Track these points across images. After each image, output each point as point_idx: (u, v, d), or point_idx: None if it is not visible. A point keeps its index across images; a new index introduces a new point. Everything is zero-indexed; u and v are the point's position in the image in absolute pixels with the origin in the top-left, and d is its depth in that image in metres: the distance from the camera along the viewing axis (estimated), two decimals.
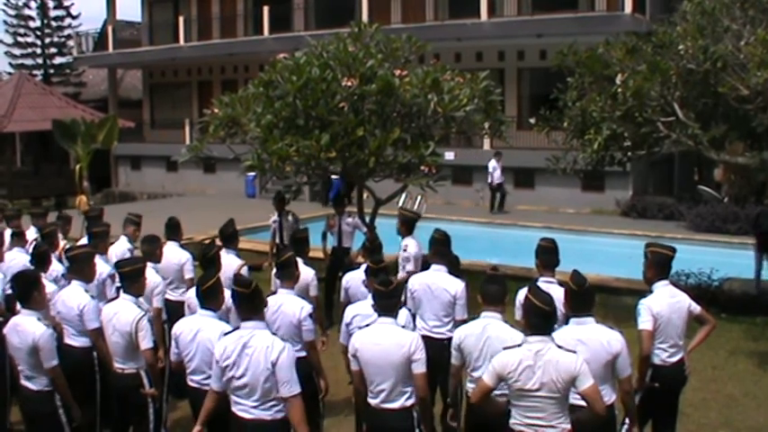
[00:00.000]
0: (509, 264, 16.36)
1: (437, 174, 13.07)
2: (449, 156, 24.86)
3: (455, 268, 8.65)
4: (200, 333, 6.96)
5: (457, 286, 8.28)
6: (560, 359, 5.85)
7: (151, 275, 8.69)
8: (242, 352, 6.11)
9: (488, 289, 6.87)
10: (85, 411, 8.25)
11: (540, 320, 5.98)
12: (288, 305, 7.75)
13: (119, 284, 9.28)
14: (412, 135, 13.08)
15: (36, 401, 7.12)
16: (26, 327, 7.00)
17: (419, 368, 6.38)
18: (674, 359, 7.56)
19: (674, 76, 12.25)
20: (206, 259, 8.40)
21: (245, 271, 9.73)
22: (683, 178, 29.39)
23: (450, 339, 7.94)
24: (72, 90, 43.34)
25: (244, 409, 6.17)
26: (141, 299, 7.79)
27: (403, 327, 6.73)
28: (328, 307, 13.64)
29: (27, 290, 7.12)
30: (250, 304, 6.26)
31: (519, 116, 28.09)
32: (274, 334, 6.40)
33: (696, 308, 7.71)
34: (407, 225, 11.22)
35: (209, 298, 7.05)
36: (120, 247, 10.44)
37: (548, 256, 8.10)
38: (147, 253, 9.14)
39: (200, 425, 6.49)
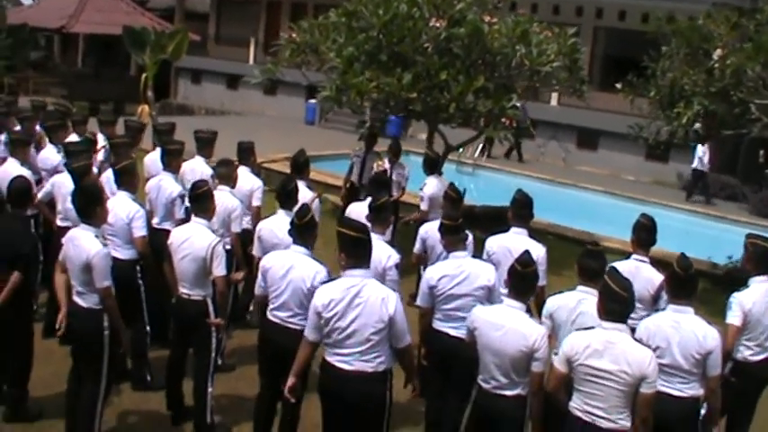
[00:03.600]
0: (567, 225, 16.04)
1: (517, 127, 12.70)
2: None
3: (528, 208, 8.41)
4: (293, 270, 6.70)
5: (539, 251, 7.91)
6: (633, 352, 5.56)
7: (229, 199, 8.47)
8: (351, 302, 5.83)
9: (588, 264, 6.53)
10: (134, 327, 8.16)
11: (615, 306, 5.65)
12: (377, 252, 7.44)
13: (188, 206, 9.21)
14: (495, 85, 12.68)
15: (83, 319, 6.81)
16: (83, 242, 6.70)
17: (539, 367, 5.99)
18: (758, 358, 7.22)
19: None
20: (285, 192, 8.06)
21: (316, 204, 9.44)
22: (748, 160, 28.58)
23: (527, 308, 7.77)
24: None
25: (344, 360, 5.91)
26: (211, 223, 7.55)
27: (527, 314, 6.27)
28: None
29: (90, 204, 6.81)
30: (361, 250, 5.95)
31: (590, 75, 27.37)
32: None
33: None
34: (429, 164, 11.62)
35: (306, 234, 6.81)
36: (198, 167, 10.13)
37: (645, 234, 7.74)
38: (223, 176, 8.85)
39: (294, 376, 6.29)
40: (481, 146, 23.16)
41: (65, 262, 6.91)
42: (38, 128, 11.78)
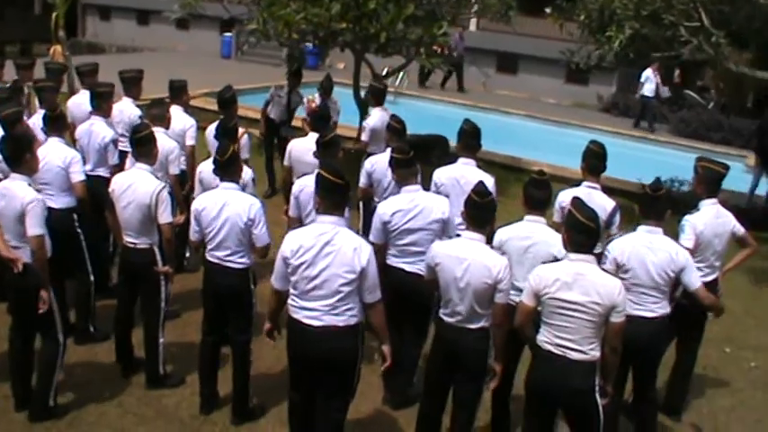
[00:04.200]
0: (493, 150, 15.95)
1: (447, 54, 12.55)
2: None
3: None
4: (227, 208, 6.52)
5: (488, 181, 7.76)
6: (603, 282, 5.50)
7: (165, 141, 8.15)
8: (321, 250, 5.55)
9: (534, 193, 6.45)
10: (77, 278, 7.88)
11: (583, 237, 5.55)
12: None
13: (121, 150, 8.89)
14: (425, 12, 12.48)
15: (26, 274, 6.40)
16: (15, 192, 6.32)
17: (502, 299, 5.88)
18: (708, 279, 7.26)
19: None
20: (225, 130, 7.80)
21: (245, 140, 9.21)
22: (665, 79, 28.97)
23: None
24: None
25: (312, 315, 5.64)
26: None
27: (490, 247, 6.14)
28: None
29: (20, 152, 6.42)
30: (338, 197, 5.63)
31: None
32: None
33: (740, 230, 7.44)
34: (376, 96, 11.16)
35: (230, 170, 6.63)
36: (126, 109, 9.76)
37: (596, 161, 7.67)
38: (156, 117, 8.45)
39: (270, 321, 6.18)
40: (402, 74, 22.89)
41: None
42: None
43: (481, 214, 5.96)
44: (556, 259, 5.86)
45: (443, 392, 6.39)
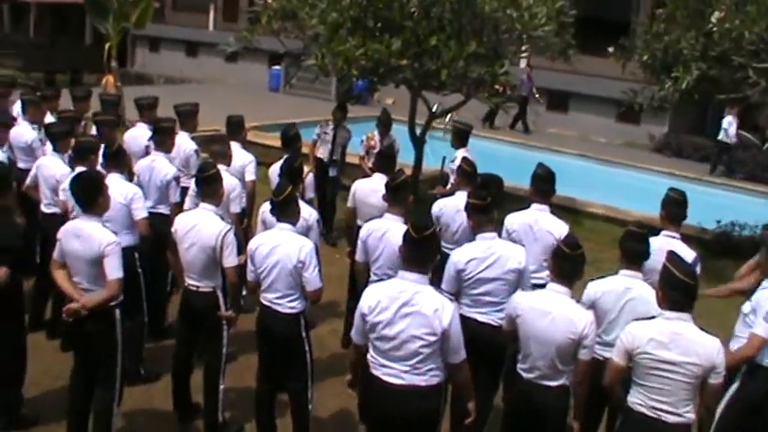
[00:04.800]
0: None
1: (510, 93, 12.31)
2: None
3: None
4: (279, 249, 6.30)
5: (562, 229, 7.51)
6: (702, 342, 5.18)
7: (227, 178, 7.89)
8: (400, 310, 5.21)
9: (633, 247, 6.17)
10: (132, 319, 7.62)
11: (679, 295, 5.23)
12: (395, 233, 6.98)
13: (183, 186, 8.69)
14: (486, 50, 12.23)
15: (97, 318, 6.18)
16: (92, 233, 6.09)
17: (586, 355, 5.58)
18: None
19: None
20: (290, 170, 7.56)
21: (310, 179, 8.97)
22: (716, 119, 28.48)
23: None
24: None
25: (392, 373, 5.30)
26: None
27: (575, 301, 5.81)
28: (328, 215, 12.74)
29: (92, 193, 6.21)
30: (422, 254, 5.28)
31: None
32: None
33: None
34: (460, 137, 10.88)
35: (287, 210, 6.43)
36: (183, 143, 9.52)
37: (676, 208, 7.32)
38: (218, 154, 8.23)
39: (351, 373, 5.93)
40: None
41: (62, 259, 6.31)
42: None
43: (570, 267, 5.68)
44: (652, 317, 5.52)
45: None
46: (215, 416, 7.00)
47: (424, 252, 5.29)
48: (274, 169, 8.72)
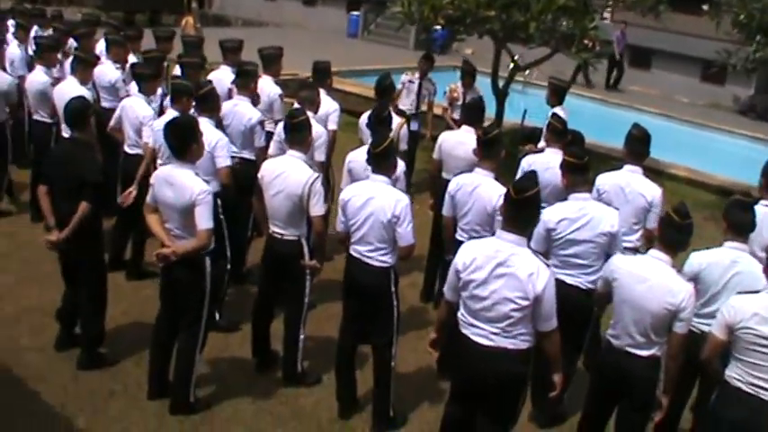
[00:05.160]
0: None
1: (600, 49, 11.96)
2: None
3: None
4: (373, 201, 6.16)
5: (654, 192, 7.27)
6: None
7: (314, 125, 7.77)
8: (494, 270, 5.08)
9: (740, 217, 5.90)
10: (217, 266, 7.55)
11: None
12: (485, 188, 6.87)
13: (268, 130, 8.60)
14: (575, 3, 11.89)
15: (187, 265, 6.16)
16: (184, 181, 6.03)
17: (683, 328, 5.36)
18: None
19: None
20: (379, 120, 7.41)
21: (404, 131, 8.79)
22: None
23: (637, 249, 7.16)
24: None
25: (482, 334, 5.18)
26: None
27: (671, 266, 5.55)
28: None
29: (186, 141, 6.12)
30: (522, 215, 5.14)
31: None
32: None
33: None
34: (557, 93, 10.39)
35: (384, 163, 6.24)
36: (266, 87, 9.35)
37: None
38: (307, 100, 8.09)
39: (436, 331, 5.79)
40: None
41: (155, 203, 6.27)
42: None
43: (677, 236, 5.46)
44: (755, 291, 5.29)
45: (603, 420, 5.97)
46: (294, 365, 6.97)
47: (523, 213, 5.13)
48: (363, 119, 8.56)
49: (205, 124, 7.10)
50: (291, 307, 6.89)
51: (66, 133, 7.97)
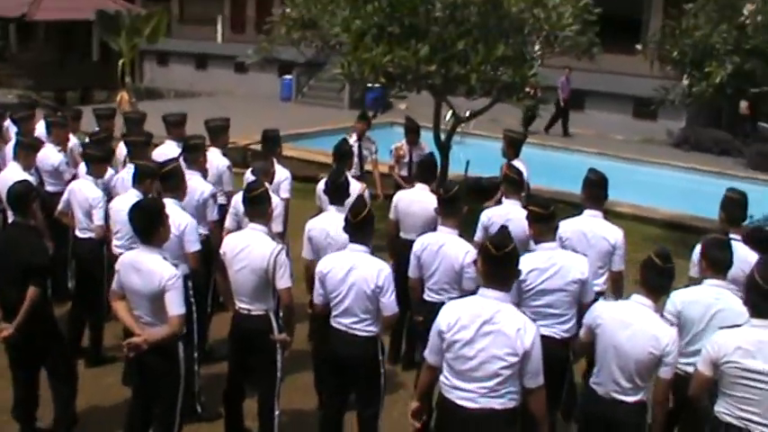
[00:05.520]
0: (565, 190, 15.37)
1: (541, 95, 12.08)
2: None
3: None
4: (355, 272, 6.08)
5: (617, 234, 7.32)
6: None
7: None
8: (480, 328, 5.02)
9: (718, 255, 5.97)
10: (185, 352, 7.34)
11: (766, 302, 5.05)
12: (451, 247, 6.81)
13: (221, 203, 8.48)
14: (514, 52, 12.01)
15: (159, 353, 5.96)
16: (152, 267, 5.86)
17: (668, 373, 5.36)
18: None
19: None
20: (335, 186, 7.32)
21: (366, 196, 8.70)
22: (729, 111, 28.16)
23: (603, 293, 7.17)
24: None
25: (467, 396, 5.09)
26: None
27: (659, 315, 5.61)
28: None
29: (152, 224, 5.97)
30: (504, 271, 5.12)
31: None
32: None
33: None
34: (514, 146, 10.26)
35: (363, 231, 6.22)
36: (217, 160, 9.26)
37: (736, 209, 7.20)
38: (262, 171, 8.01)
39: (418, 400, 5.60)
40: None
41: (122, 290, 6.09)
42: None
43: (659, 280, 5.47)
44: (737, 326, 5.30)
45: None
46: None
47: (505, 269, 5.11)
48: (321, 186, 8.50)
49: (172, 206, 6.88)
50: (264, 383, 6.68)
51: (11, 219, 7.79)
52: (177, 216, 6.96)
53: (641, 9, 25.68)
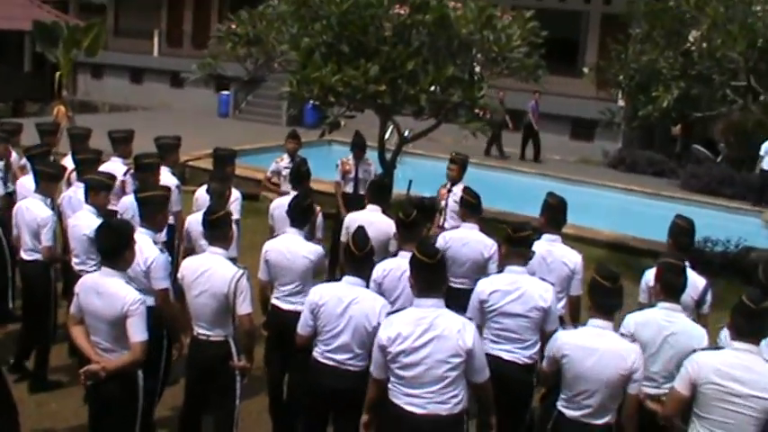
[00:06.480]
0: (504, 209, 15.44)
1: (489, 117, 12.12)
2: None
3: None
4: (355, 306, 5.92)
5: (575, 258, 7.34)
6: None
7: None
8: (422, 336, 5.14)
9: (672, 280, 5.99)
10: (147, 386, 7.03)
11: (752, 325, 5.10)
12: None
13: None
14: (463, 74, 12.05)
15: (117, 380, 5.69)
16: (114, 290, 5.61)
17: (636, 389, 5.42)
18: None
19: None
20: (299, 208, 7.17)
21: (320, 219, 8.58)
22: (662, 133, 28.66)
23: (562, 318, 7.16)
24: None
25: (415, 402, 5.19)
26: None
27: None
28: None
29: (118, 246, 5.71)
30: (433, 277, 5.29)
31: None
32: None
33: None
34: (462, 168, 10.32)
35: (365, 264, 6.18)
36: (166, 179, 9.00)
37: (684, 237, 7.23)
38: (217, 194, 7.81)
39: (367, 412, 5.66)
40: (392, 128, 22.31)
41: (80, 314, 5.84)
42: None
43: (609, 301, 5.52)
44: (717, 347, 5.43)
45: None
46: None
47: (438, 276, 5.34)
48: (275, 206, 8.37)
49: (143, 237, 6.56)
50: (221, 411, 6.47)
51: None
52: (147, 249, 6.61)
53: (579, 32, 26.02)
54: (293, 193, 8.19)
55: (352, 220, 8.38)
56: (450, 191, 10.13)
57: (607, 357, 5.37)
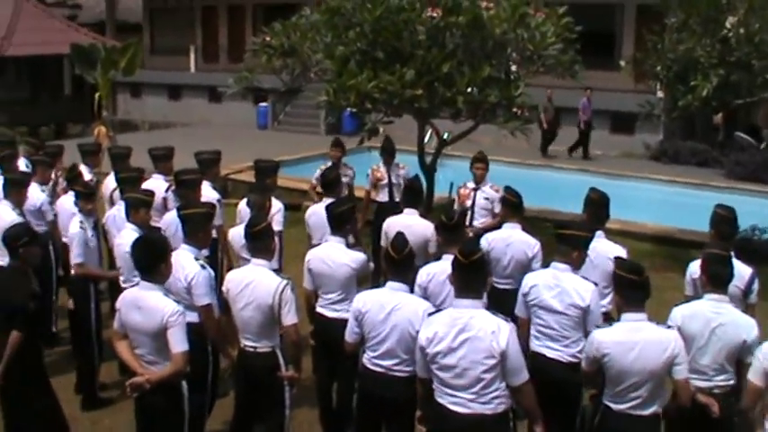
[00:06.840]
0: (547, 207, 15.37)
1: (528, 116, 12.05)
2: None
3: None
4: (397, 312, 5.91)
5: (620, 253, 7.20)
6: None
7: None
8: (457, 337, 5.18)
9: (718, 271, 5.94)
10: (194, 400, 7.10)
11: None
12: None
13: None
14: (499, 73, 12.01)
15: (163, 392, 5.78)
16: (153, 304, 5.69)
17: (683, 373, 5.41)
18: None
19: None
20: (337, 215, 7.19)
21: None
22: (704, 122, 28.33)
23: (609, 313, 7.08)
24: (68, 12, 40.96)
25: (458, 402, 5.23)
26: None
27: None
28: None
29: (155, 260, 5.78)
30: (469, 277, 5.30)
31: None
32: None
33: None
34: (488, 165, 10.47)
35: (407, 269, 6.16)
36: (208, 194, 9.05)
37: (726, 226, 7.20)
38: (257, 206, 7.84)
39: (420, 408, 5.74)
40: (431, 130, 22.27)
41: (123, 329, 5.92)
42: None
43: (640, 293, 5.52)
44: None
45: None
46: None
47: (475, 276, 5.32)
48: (312, 213, 8.39)
49: (185, 254, 6.67)
50: (272, 422, 6.50)
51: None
52: (188, 265, 6.62)
53: (614, 24, 25.81)
54: (327, 200, 8.23)
55: (390, 225, 8.39)
56: (476, 189, 10.18)
57: (648, 349, 5.36)
